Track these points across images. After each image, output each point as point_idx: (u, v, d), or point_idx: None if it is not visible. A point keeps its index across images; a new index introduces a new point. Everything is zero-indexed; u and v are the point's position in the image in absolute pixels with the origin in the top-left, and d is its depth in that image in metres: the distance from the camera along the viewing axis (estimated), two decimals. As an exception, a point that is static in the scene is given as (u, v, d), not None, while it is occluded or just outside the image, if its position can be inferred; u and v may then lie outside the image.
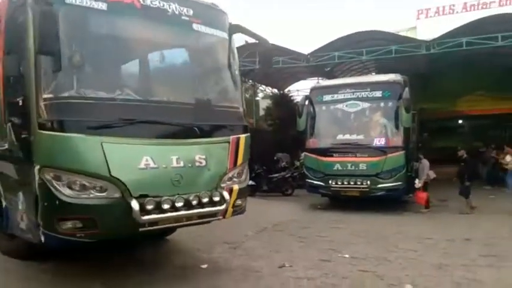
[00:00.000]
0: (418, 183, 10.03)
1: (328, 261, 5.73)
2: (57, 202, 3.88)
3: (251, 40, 5.83)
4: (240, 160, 4.99)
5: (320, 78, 18.78)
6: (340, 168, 9.96)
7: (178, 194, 4.29)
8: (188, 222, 4.62)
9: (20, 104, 4.10)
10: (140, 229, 4.17)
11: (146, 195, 4.11)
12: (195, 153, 4.56)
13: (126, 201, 4.01)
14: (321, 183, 10.15)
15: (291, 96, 21.58)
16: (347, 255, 6.01)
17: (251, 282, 4.92)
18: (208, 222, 4.85)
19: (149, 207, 4.10)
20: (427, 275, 5.17)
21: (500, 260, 5.78)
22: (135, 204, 4.02)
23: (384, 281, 4.95)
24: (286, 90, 21.82)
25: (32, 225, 4.13)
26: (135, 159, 4.14)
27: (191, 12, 4.80)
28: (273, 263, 5.60)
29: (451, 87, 17.95)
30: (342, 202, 10.39)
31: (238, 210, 5.01)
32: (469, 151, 10.55)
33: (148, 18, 4.53)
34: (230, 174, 4.89)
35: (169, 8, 4.63)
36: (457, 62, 15.89)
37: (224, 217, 4.86)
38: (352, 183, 9.76)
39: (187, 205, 4.36)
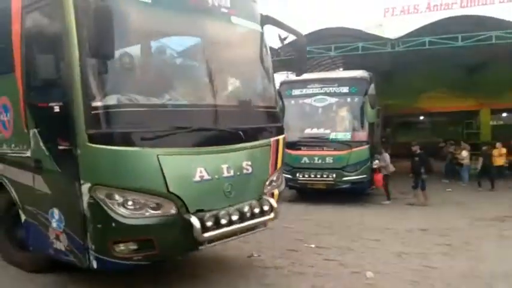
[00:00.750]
0: (375, 164, 10.35)
1: (295, 251, 5.97)
2: (112, 224, 3.53)
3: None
4: (279, 163, 4.77)
5: (290, 72, 19.03)
6: (307, 161, 10.24)
7: (229, 206, 4.03)
8: (239, 236, 4.30)
9: (57, 110, 3.72)
10: (200, 247, 3.92)
11: (202, 210, 3.84)
12: (242, 159, 4.26)
13: (183, 218, 3.73)
14: (289, 176, 10.40)
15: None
16: (313, 245, 6.28)
17: (222, 270, 5.09)
18: (254, 232, 4.56)
19: (209, 223, 3.81)
20: (387, 262, 5.51)
21: (454, 249, 6.21)
22: (195, 221, 3.72)
23: (347, 269, 5.24)
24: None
25: (76, 248, 3.77)
26: (190, 172, 3.82)
27: (228, 2, 4.39)
28: (243, 253, 5.78)
29: (415, 84, 18.59)
30: (308, 194, 10.67)
31: (277, 216, 4.58)
32: (423, 146, 11.04)
33: (192, 11, 4.15)
34: (271, 179, 4.66)
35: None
36: (421, 60, 16.47)
37: (265, 226, 4.62)
38: (318, 176, 10.06)
39: (242, 217, 4.11)
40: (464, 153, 13.88)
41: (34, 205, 4.17)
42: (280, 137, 4.81)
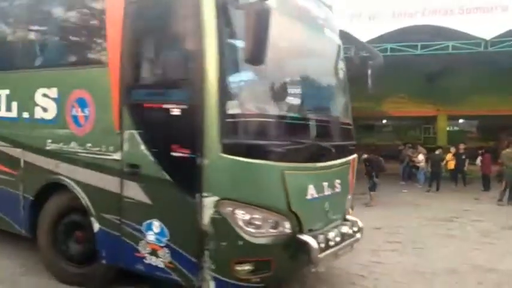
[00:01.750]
0: None
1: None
2: (239, 242, 3.33)
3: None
4: (354, 182, 4.70)
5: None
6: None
7: (326, 225, 3.96)
8: (336, 258, 4.20)
9: (176, 113, 3.48)
10: (313, 269, 3.81)
11: (311, 230, 3.72)
12: (335, 177, 4.16)
13: (297, 237, 3.58)
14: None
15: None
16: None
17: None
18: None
19: (322, 244, 3.68)
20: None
21: (403, 246, 6.59)
22: (312, 242, 3.58)
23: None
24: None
25: (184, 266, 3.52)
26: (304, 189, 3.70)
27: (322, 13, 4.37)
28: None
29: (377, 89, 19.09)
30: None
31: (362, 237, 4.49)
32: (371, 152, 11.55)
33: (307, 22, 4.15)
34: (349, 197, 4.59)
35: (313, 8, 4.20)
36: (384, 66, 16.95)
37: (352, 247, 4.46)
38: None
39: (343, 238, 4.03)
40: (420, 157, 14.59)
41: (118, 214, 3.87)
42: (356, 155, 4.73)
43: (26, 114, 4.73)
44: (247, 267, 3.43)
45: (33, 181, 4.67)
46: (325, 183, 4.00)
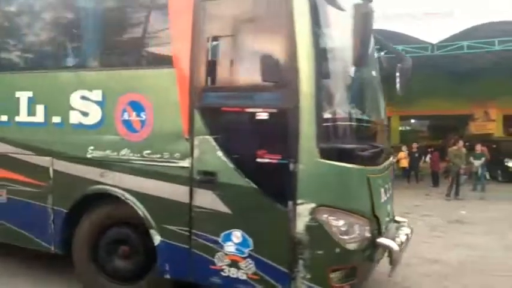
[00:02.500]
0: None
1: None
2: (336, 249, 3.26)
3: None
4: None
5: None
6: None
7: (386, 227, 3.95)
8: None
9: (263, 117, 3.34)
10: (391, 273, 3.79)
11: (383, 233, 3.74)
12: (388, 178, 4.23)
13: (374, 242, 3.54)
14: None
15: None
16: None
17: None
18: None
19: (400, 246, 3.75)
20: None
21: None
22: (393, 245, 3.62)
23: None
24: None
25: (272, 276, 3.38)
26: (380, 192, 3.74)
27: None
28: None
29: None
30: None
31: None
32: None
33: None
34: None
35: None
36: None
37: None
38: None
39: (407, 238, 4.09)
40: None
41: (187, 225, 3.64)
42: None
43: (56, 119, 4.30)
44: (338, 274, 3.36)
45: (67, 192, 4.27)
46: (386, 186, 4.06)
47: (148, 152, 3.81)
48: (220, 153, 3.51)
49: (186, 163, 3.64)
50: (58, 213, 4.31)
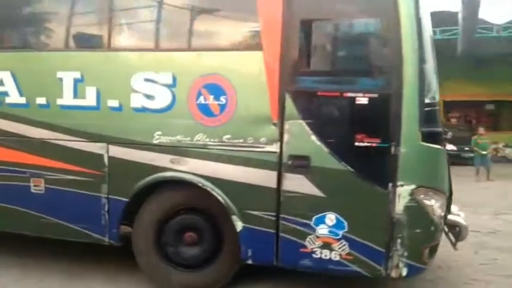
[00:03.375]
0: None
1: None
2: (431, 228, 3.44)
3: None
4: None
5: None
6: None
7: None
8: None
9: (362, 102, 3.38)
10: (456, 248, 4.07)
11: None
12: None
13: (448, 218, 3.79)
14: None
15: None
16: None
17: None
18: None
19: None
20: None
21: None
22: (462, 221, 3.91)
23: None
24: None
25: (368, 256, 3.48)
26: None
27: None
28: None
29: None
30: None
31: None
32: None
33: None
34: None
35: None
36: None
37: None
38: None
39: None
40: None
41: (274, 210, 3.62)
42: None
43: (112, 102, 4.01)
44: (428, 251, 3.54)
45: (127, 180, 4.02)
46: None
47: (228, 137, 3.70)
48: (314, 138, 3.51)
49: (273, 148, 3.59)
50: (115, 202, 4.06)
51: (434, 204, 3.46)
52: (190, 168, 3.82)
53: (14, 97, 4.27)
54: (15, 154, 4.32)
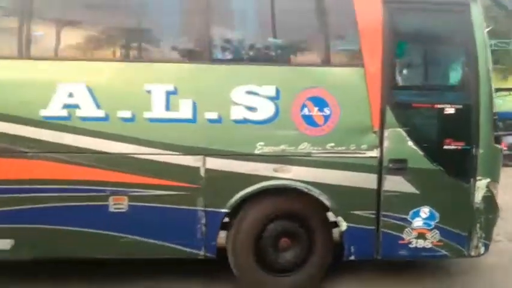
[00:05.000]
0: None
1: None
2: (497, 212, 4.24)
3: None
4: None
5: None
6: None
7: None
8: None
9: (449, 112, 4.03)
10: None
11: None
12: None
13: None
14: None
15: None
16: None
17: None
18: None
19: None
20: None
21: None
22: None
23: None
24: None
25: (454, 240, 4.14)
26: None
27: None
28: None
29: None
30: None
31: None
32: None
33: None
34: None
35: None
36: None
37: None
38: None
39: None
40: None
41: (374, 208, 4.09)
42: None
43: (211, 115, 4.01)
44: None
45: (226, 191, 4.07)
46: None
47: (332, 145, 4.03)
48: (410, 143, 4.05)
49: (374, 153, 4.04)
50: (213, 214, 4.07)
51: (496, 193, 4.25)
52: (295, 175, 4.05)
53: (89, 110, 3.95)
54: (89, 171, 3.99)
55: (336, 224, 4.22)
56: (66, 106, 3.94)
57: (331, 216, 4.28)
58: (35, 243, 4.04)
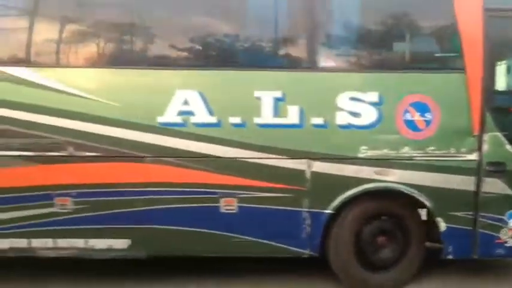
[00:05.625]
0: None
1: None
2: None
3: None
4: None
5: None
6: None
7: None
8: None
9: None
10: None
11: None
12: None
13: None
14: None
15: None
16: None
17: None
18: None
19: None
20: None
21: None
22: None
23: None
24: None
25: None
26: None
27: None
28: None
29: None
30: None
31: None
32: None
33: None
34: None
35: None
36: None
37: None
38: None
39: None
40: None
41: (473, 209, 4.25)
42: None
43: (317, 120, 4.21)
44: None
45: (330, 193, 4.28)
46: None
47: (432, 148, 4.19)
48: (508, 147, 4.22)
49: (473, 156, 4.19)
50: (317, 215, 4.28)
51: None
52: (396, 178, 4.24)
53: (203, 117, 4.17)
54: (202, 175, 4.22)
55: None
56: (181, 113, 4.15)
57: (423, 216, 4.45)
58: (150, 242, 4.28)
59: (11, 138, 4.16)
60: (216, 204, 4.24)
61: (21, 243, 4.24)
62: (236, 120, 4.19)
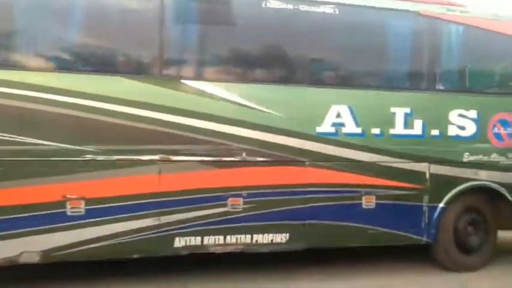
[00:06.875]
0: None
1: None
2: None
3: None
4: None
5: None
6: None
7: None
8: None
9: None
10: None
11: None
12: None
13: None
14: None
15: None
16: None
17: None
18: None
19: None
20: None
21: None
22: None
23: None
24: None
25: None
26: None
27: None
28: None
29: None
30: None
31: None
32: None
33: None
34: None
35: None
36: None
37: None
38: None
39: None
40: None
41: None
42: None
43: (435, 132, 5.30)
44: None
45: (443, 190, 5.37)
46: None
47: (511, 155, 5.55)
48: None
49: None
50: (434, 208, 5.34)
51: None
52: (488, 177, 5.47)
53: (351, 128, 5.03)
54: (348, 176, 5.05)
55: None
56: (334, 124, 4.96)
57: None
58: (307, 236, 4.95)
59: (195, 145, 4.58)
60: (359, 201, 5.08)
61: (195, 241, 4.64)
62: (376, 131, 5.10)
